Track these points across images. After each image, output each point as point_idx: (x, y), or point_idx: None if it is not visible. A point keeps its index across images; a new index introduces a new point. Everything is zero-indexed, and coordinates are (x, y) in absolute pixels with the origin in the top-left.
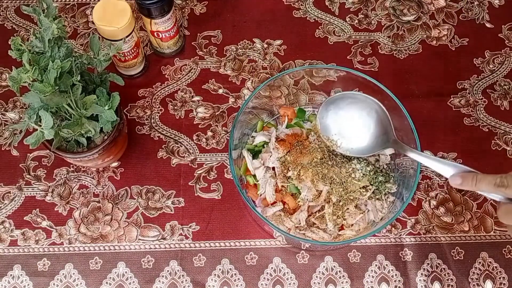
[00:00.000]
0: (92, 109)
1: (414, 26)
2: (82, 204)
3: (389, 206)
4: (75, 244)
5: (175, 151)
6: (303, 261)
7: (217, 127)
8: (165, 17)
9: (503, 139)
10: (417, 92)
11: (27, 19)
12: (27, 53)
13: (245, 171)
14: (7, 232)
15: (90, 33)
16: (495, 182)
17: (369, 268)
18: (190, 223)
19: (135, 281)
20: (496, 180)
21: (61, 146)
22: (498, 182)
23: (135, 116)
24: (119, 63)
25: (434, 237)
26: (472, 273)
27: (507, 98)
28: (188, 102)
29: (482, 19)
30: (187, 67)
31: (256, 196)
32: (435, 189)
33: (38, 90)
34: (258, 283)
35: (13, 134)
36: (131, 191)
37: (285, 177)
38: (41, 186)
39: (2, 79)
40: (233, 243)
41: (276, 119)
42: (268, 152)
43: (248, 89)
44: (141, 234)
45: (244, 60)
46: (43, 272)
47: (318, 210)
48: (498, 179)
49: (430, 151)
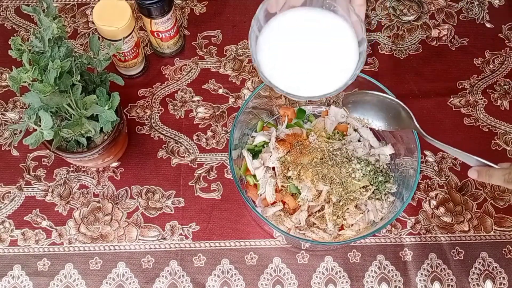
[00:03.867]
0: (92, 109)
1: (414, 26)
2: (82, 204)
3: (389, 206)
4: (75, 244)
5: (175, 151)
6: (303, 261)
7: (217, 127)
8: (165, 17)
9: (503, 139)
10: (417, 92)
11: (27, 19)
12: (27, 53)
13: (245, 171)
14: (7, 232)
15: (90, 33)
16: (504, 178)
17: (369, 268)
18: (190, 223)
19: (135, 281)
20: (505, 176)
21: (61, 146)
22: (507, 178)
23: (135, 116)
24: (119, 63)
25: (434, 237)
26: (472, 273)
27: (507, 98)
28: (188, 102)
29: (482, 19)
30: (187, 67)
31: (256, 196)
32: (435, 189)
33: (38, 90)
34: (258, 283)
35: (13, 134)
36: (131, 191)
37: (285, 177)
38: (41, 186)
39: (2, 79)
40: (233, 243)
41: (276, 119)
42: (268, 152)
43: (248, 89)
44: (141, 234)
45: (244, 60)
46: (43, 272)
47: (318, 210)
48: (507, 175)
49: (430, 151)
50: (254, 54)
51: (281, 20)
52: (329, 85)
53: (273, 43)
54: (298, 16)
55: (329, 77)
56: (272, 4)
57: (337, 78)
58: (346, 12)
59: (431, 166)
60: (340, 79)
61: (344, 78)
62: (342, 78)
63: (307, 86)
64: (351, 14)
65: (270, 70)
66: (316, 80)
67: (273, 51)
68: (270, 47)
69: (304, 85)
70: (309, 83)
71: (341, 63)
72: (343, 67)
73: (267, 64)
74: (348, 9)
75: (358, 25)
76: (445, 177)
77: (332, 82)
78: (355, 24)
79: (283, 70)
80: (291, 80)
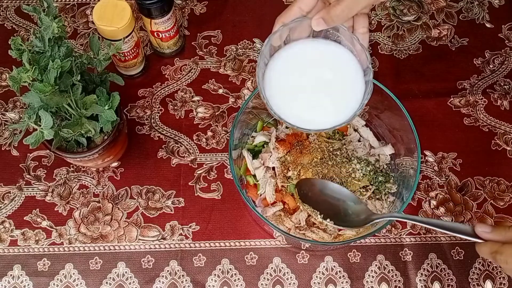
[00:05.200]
0: (92, 109)
1: (414, 26)
2: (82, 204)
3: (389, 206)
4: (75, 244)
5: (175, 151)
6: (303, 261)
7: (217, 127)
8: (165, 17)
9: (503, 139)
10: (417, 92)
11: (27, 19)
12: (27, 53)
13: (245, 171)
14: (7, 232)
15: (90, 33)
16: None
17: (369, 268)
18: (190, 223)
19: (135, 281)
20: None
21: (61, 146)
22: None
23: (135, 116)
24: (119, 63)
25: (434, 237)
26: (472, 273)
27: (507, 98)
28: (188, 102)
29: (482, 19)
30: (187, 67)
31: (256, 196)
32: (435, 189)
33: (38, 89)
34: (258, 283)
35: (13, 134)
36: (131, 191)
37: (285, 177)
38: (41, 186)
39: (2, 79)
40: (233, 243)
41: (276, 119)
42: (268, 152)
43: (248, 89)
44: (141, 234)
45: (244, 60)
46: (43, 272)
47: None
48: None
49: (430, 151)
50: (263, 90)
51: (286, 53)
52: (338, 117)
53: (279, 78)
54: (303, 48)
55: (337, 109)
56: (276, 39)
57: (345, 109)
58: (350, 42)
59: (431, 166)
60: (349, 110)
61: (353, 109)
62: (350, 108)
63: (317, 119)
64: (355, 43)
65: (279, 104)
66: (325, 113)
67: (280, 86)
68: (277, 81)
69: (314, 118)
70: (318, 115)
71: (349, 93)
72: (350, 97)
73: (276, 98)
74: (352, 38)
75: (362, 54)
76: (445, 177)
77: (341, 114)
78: (359, 53)
79: (291, 104)
80: (300, 113)
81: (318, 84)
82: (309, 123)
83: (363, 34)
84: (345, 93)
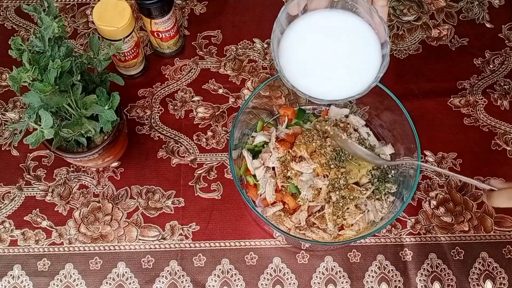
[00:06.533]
0: (92, 109)
1: (414, 26)
2: (82, 204)
3: (389, 206)
4: (75, 244)
5: (175, 151)
6: (303, 261)
7: (217, 127)
8: (165, 17)
9: (503, 139)
10: (417, 92)
11: (27, 19)
12: (27, 53)
13: (245, 171)
14: (7, 232)
15: (90, 33)
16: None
17: (369, 268)
18: (190, 223)
19: (135, 281)
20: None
21: (61, 146)
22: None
23: (135, 116)
24: (119, 63)
25: (434, 237)
26: (472, 273)
27: (507, 98)
28: (188, 102)
29: (482, 19)
30: (187, 67)
31: (256, 196)
32: (435, 189)
33: (38, 89)
34: (258, 283)
35: (13, 134)
36: (131, 191)
37: (285, 177)
38: (41, 186)
39: (2, 79)
40: (233, 243)
41: (276, 119)
42: (268, 152)
43: (248, 89)
44: (141, 234)
45: (244, 60)
46: (43, 272)
47: (318, 210)
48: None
49: (430, 151)
50: (276, 58)
51: (303, 23)
52: (352, 88)
53: (295, 47)
54: (321, 18)
55: (352, 80)
56: (293, 7)
57: (360, 81)
58: (368, 14)
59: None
60: (363, 82)
61: (367, 81)
62: (365, 81)
63: (330, 90)
64: (373, 16)
65: (293, 73)
66: (339, 84)
67: (295, 55)
68: (293, 51)
69: (327, 89)
70: (332, 86)
71: (364, 66)
72: (366, 70)
73: (290, 67)
74: (371, 10)
75: (381, 26)
76: (445, 177)
77: (356, 85)
78: (377, 25)
79: (305, 74)
80: (314, 83)
81: (334, 55)
82: (322, 94)
83: (382, 6)
84: (361, 66)
